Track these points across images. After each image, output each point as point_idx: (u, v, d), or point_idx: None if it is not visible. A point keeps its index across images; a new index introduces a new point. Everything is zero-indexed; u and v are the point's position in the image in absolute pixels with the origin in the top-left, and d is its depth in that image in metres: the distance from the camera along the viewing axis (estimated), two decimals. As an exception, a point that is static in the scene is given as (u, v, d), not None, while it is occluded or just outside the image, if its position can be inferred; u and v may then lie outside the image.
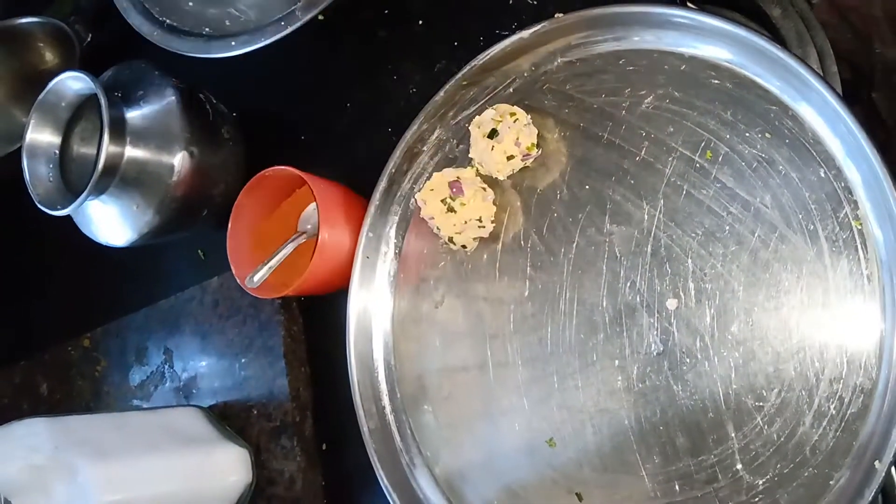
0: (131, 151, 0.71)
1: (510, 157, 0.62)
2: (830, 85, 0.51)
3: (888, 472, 0.47)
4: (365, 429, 0.65)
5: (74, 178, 0.75)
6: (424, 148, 0.69)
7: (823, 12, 0.71)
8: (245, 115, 0.80)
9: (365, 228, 0.68)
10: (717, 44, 0.57)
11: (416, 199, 0.66)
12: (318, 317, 0.75)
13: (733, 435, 0.52)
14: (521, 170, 0.64)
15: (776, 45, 0.54)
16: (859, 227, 0.51)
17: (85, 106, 0.75)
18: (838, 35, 0.70)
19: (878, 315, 0.49)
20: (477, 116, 0.64)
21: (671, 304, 0.56)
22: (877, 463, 0.47)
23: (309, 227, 0.72)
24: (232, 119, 0.78)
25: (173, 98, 0.73)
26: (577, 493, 0.57)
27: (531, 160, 0.63)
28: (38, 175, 0.73)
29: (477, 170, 0.65)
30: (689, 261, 0.56)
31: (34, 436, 0.64)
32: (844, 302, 0.51)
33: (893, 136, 0.85)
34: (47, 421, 0.66)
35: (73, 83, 0.73)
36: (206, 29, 0.75)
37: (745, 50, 0.56)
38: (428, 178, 0.66)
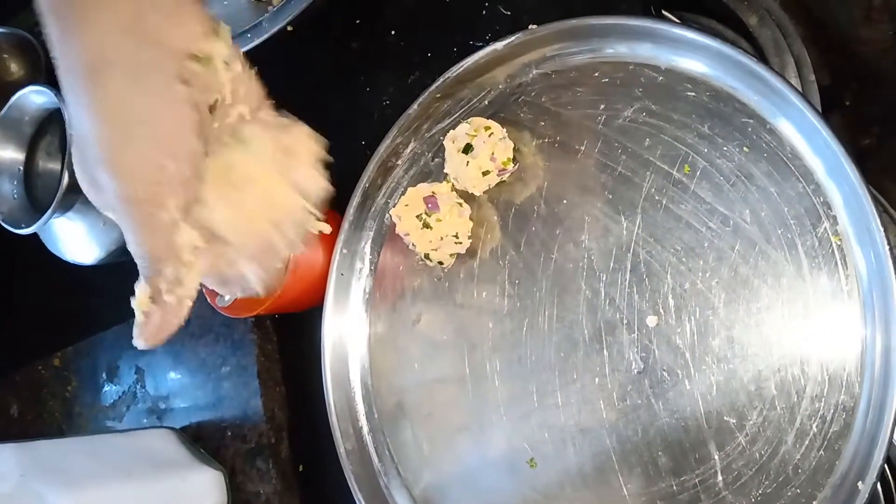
0: (98, 167, 0.69)
1: (486, 173, 0.61)
2: (809, 100, 0.50)
3: (871, 492, 0.46)
4: (342, 450, 0.64)
5: (40, 193, 0.74)
6: (399, 162, 0.68)
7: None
8: (216, 128, 0.78)
9: (339, 245, 0.67)
10: (693, 56, 0.56)
11: (391, 215, 0.64)
12: (292, 335, 0.73)
13: (715, 454, 0.51)
14: (497, 184, 0.63)
15: (753, 59, 0.53)
16: (838, 243, 0.50)
17: (50, 120, 0.73)
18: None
19: (858, 332, 0.49)
20: (451, 131, 0.63)
21: (651, 321, 0.55)
22: (860, 483, 0.46)
23: (282, 243, 0.70)
24: (202, 132, 0.76)
25: (141, 111, 0.71)
26: (558, 515, 0.56)
27: (507, 175, 0.62)
28: (1, 192, 0.72)
29: (452, 185, 0.64)
30: (669, 277, 0.55)
31: (1, 463, 0.62)
32: (825, 319, 0.50)
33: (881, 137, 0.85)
34: (15, 447, 0.64)
35: (36, 97, 0.71)
36: (174, 40, 0.72)
37: (722, 62, 0.55)
38: (403, 193, 0.64)
